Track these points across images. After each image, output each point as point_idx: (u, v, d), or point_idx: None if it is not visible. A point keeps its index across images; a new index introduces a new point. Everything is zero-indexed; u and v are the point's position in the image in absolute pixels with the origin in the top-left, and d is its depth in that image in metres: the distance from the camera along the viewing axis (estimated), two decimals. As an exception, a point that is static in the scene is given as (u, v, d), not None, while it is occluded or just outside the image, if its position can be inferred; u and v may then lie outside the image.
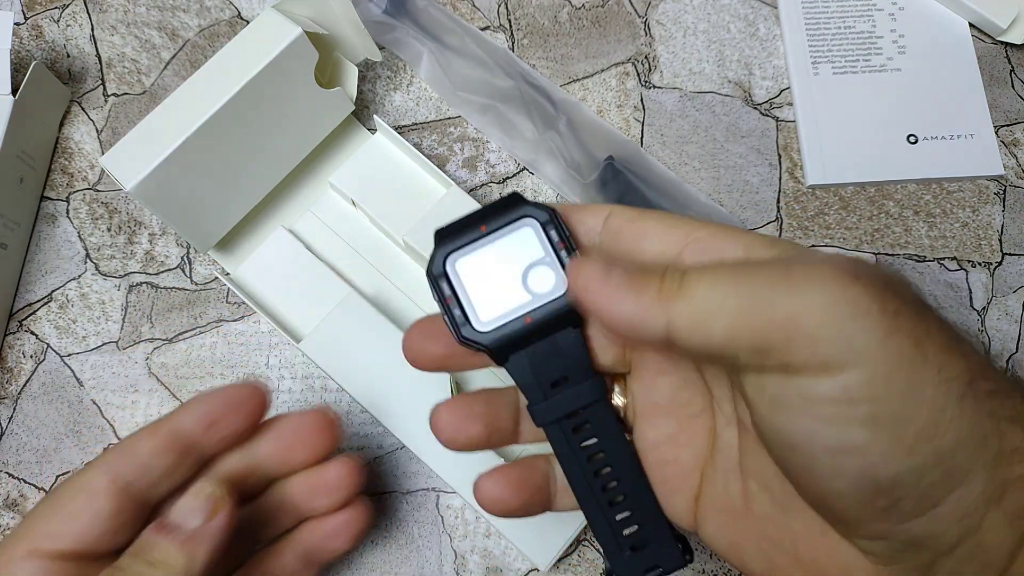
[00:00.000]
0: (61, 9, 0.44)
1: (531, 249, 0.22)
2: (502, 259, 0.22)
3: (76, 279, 0.40)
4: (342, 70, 0.39)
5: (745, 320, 0.17)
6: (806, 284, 0.17)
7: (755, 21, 0.45)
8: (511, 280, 0.22)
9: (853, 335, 0.16)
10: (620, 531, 0.23)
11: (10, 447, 0.37)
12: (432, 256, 0.22)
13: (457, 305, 0.22)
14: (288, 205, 0.40)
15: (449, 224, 0.22)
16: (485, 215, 0.22)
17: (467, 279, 0.22)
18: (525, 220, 0.22)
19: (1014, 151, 0.43)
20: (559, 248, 0.22)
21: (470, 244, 0.22)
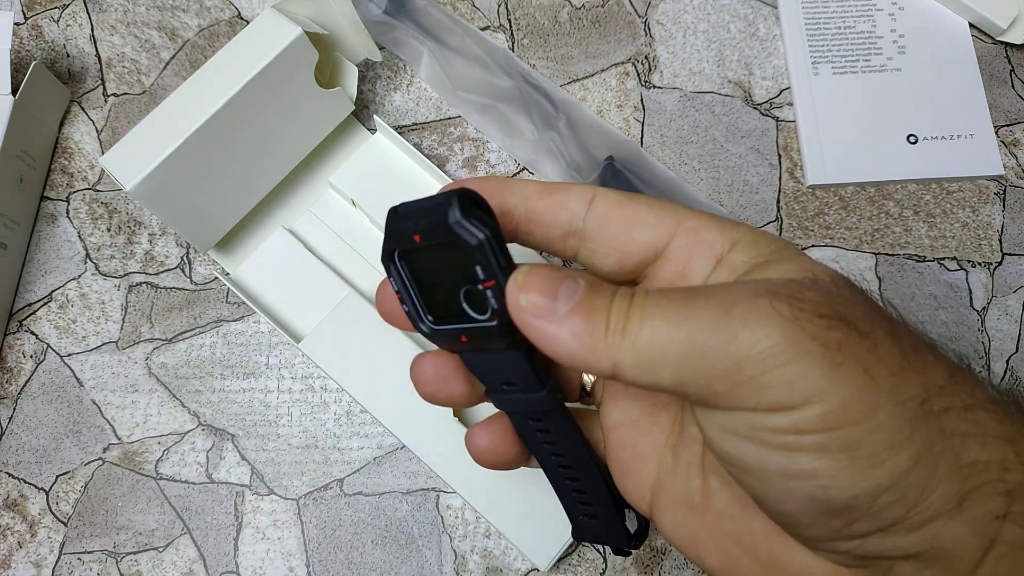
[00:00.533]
0: (61, 9, 0.44)
1: (468, 269, 0.20)
2: (446, 266, 0.20)
3: (76, 279, 0.39)
4: (342, 70, 0.39)
5: (690, 368, 0.17)
6: (745, 329, 0.17)
7: (755, 21, 0.45)
8: (453, 290, 0.20)
9: (796, 379, 0.16)
10: (571, 495, 0.24)
11: (10, 447, 0.37)
12: (384, 241, 0.21)
13: (408, 300, 0.21)
14: (288, 205, 0.40)
15: (401, 208, 0.21)
16: (423, 216, 0.20)
17: (417, 274, 0.21)
18: (464, 237, 0.19)
19: (1014, 151, 0.43)
20: (497, 274, 0.19)
21: (406, 247, 0.21)
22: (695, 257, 0.20)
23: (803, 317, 0.17)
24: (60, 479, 0.37)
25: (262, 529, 0.37)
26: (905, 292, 0.40)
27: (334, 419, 0.38)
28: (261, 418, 0.38)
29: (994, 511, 0.16)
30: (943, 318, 0.40)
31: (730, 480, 0.20)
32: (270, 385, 0.38)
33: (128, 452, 0.37)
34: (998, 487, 0.17)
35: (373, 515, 0.37)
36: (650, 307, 0.18)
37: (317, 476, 0.37)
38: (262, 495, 0.37)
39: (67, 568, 0.36)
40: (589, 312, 0.18)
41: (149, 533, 0.36)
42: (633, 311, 0.18)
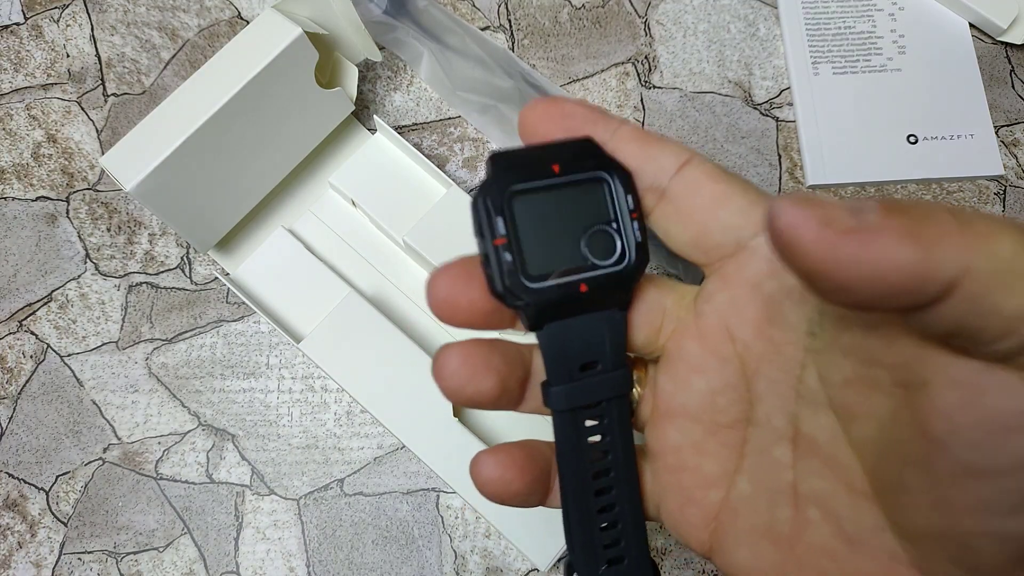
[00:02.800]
0: (61, 9, 0.44)
1: (599, 209, 0.19)
2: (567, 211, 0.19)
3: (76, 279, 0.39)
4: (342, 70, 0.39)
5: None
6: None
7: (755, 21, 0.45)
8: (571, 238, 0.19)
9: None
10: (600, 542, 0.20)
11: (10, 447, 0.37)
12: (488, 183, 0.19)
13: (508, 248, 0.18)
14: (288, 205, 0.40)
15: (510, 151, 0.19)
16: (557, 153, 0.19)
17: (524, 222, 0.19)
18: (601, 175, 0.19)
19: (1014, 151, 0.43)
20: (632, 217, 0.19)
21: (536, 183, 0.19)
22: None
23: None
24: (60, 479, 0.37)
25: (262, 529, 0.37)
26: (905, 292, 0.40)
27: (334, 419, 0.38)
28: (261, 418, 0.38)
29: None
30: (943, 318, 0.40)
31: (836, 512, 0.18)
32: (270, 385, 0.38)
33: (128, 452, 0.37)
34: None
35: (373, 515, 0.37)
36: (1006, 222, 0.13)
37: (317, 476, 0.37)
38: (262, 495, 0.37)
39: (67, 568, 0.36)
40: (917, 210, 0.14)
41: (149, 533, 0.36)
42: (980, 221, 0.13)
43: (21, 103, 0.42)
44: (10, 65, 0.42)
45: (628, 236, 0.19)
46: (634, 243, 0.19)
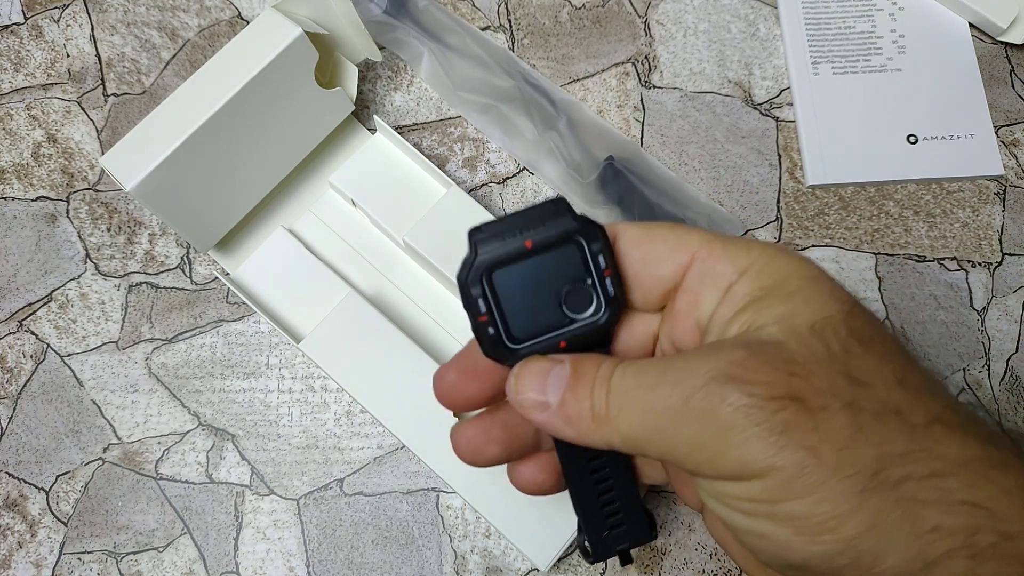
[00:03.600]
0: (61, 9, 0.44)
1: (574, 268, 0.21)
2: (544, 275, 0.21)
3: (76, 279, 0.39)
4: (342, 70, 0.39)
5: (664, 448, 0.19)
6: (700, 421, 0.18)
7: (755, 21, 0.45)
8: (549, 298, 0.21)
9: (745, 457, 0.18)
10: (602, 512, 0.24)
11: (10, 447, 0.37)
12: (469, 263, 0.21)
13: (492, 323, 0.21)
14: (288, 205, 0.40)
15: (487, 225, 0.21)
16: (529, 223, 0.21)
17: (504, 294, 0.21)
18: (573, 239, 0.21)
19: (1014, 151, 0.43)
20: (605, 274, 0.21)
21: (512, 259, 0.21)
22: (706, 288, 0.21)
23: (752, 403, 0.18)
24: (60, 479, 0.37)
25: (262, 529, 0.37)
26: (905, 292, 0.40)
27: (334, 419, 0.38)
28: (261, 418, 0.38)
29: (960, 574, 0.17)
30: (943, 318, 0.40)
31: None
32: (270, 385, 0.38)
33: (128, 452, 0.37)
34: (964, 552, 0.17)
35: (373, 515, 0.37)
36: (625, 395, 0.20)
37: (317, 476, 0.37)
38: (262, 495, 0.37)
39: (67, 568, 0.36)
40: (575, 404, 0.21)
41: (149, 533, 0.36)
42: (611, 398, 0.20)
43: (21, 103, 0.42)
44: (10, 65, 0.42)
45: (602, 290, 0.21)
46: (608, 297, 0.21)
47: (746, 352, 0.19)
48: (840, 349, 0.19)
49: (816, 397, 0.18)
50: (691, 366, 0.19)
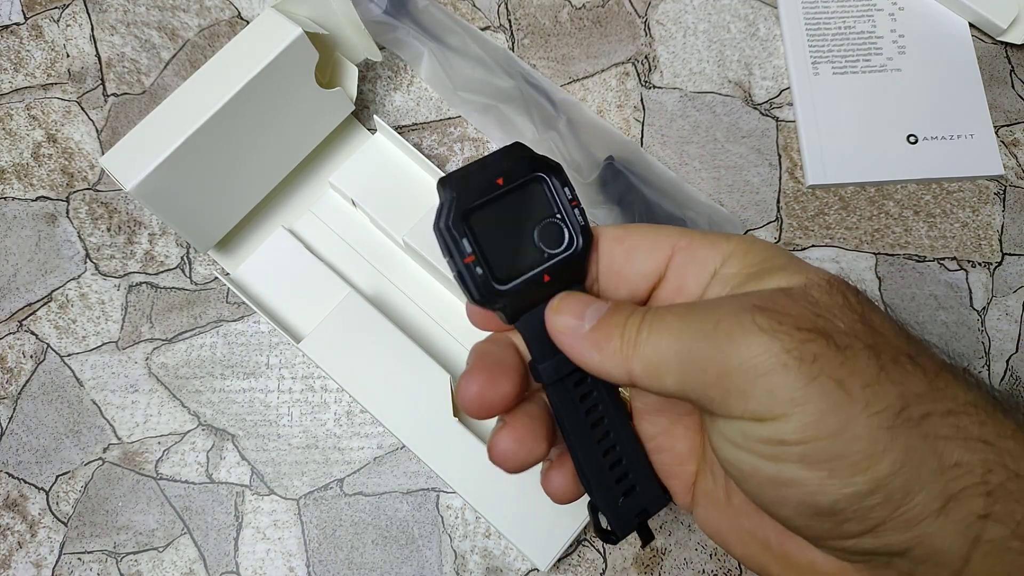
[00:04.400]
0: (61, 9, 0.44)
1: (544, 205, 0.22)
2: (517, 214, 0.22)
3: (76, 279, 0.39)
4: (342, 70, 0.39)
5: (688, 376, 0.19)
6: (730, 342, 0.18)
7: (755, 21, 0.45)
8: (526, 237, 0.22)
9: (775, 390, 0.18)
10: (612, 480, 0.24)
11: (10, 447, 0.37)
12: (445, 208, 0.21)
13: (480, 263, 0.21)
14: (288, 205, 0.40)
15: (456, 173, 0.22)
16: (497, 164, 0.22)
17: (483, 235, 0.22)
18: (538, 175, 0.22)
19: (1014, 151, 0.43)
20: (572, 205, 0.22)
21: (485, 202, 0.22)
22: (690, 275, 0.22)
23: (782, 330, 0.18)
24: (60, 479, 0.37)
25: (262, 529, 0.37)
26: (905, 292, 0.40)
27: (334, 419, 0.38)
28: (261, 418, 0.38)
29: (976, 511, 0.18)
30: (943, 318, 0.40)
31: None
32: (270, 385, 0.38)
33: (128, 452, 0.37)
34: (980, 488, 0.18)
35: (373, 515, 0.37)
36: (656, 323, 0.20)
37: (317, 476, 0.37)
38: (262, 495, 0.37)
39: (67, 568, 0.36)
40: (607, 329, 0.21)
41: (149, 533, 0.36)
42: (643, 327, 0.20)
43: (21, 103, 0.42)
44: (10, 65, 0.42)
45: (572, 222, 0.22)
46: (578, 227, 0.22)
47: (772, 292, 0.19)
48: (855, 301, 0.19)
49: (841, 336, 0.18)
50: (721, 301, 0.20)
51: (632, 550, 0.37)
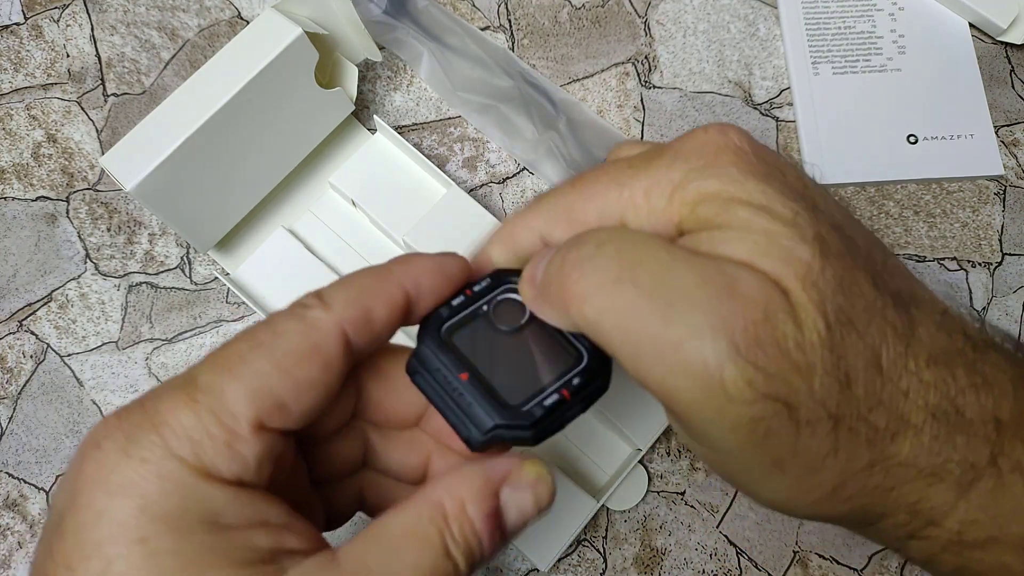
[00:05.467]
0: (61, 9, 0.44)
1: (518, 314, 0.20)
2: (511, 347, 0.20)
3: (76, 279, 0.39)
4: (342, 70, 0.39)
5: (623, 355, 0.17)
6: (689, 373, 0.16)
7: (755, 21, 0.45)
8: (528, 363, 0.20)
9: (710, 434, 0.17)
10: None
11: (10, 447, 0.37)
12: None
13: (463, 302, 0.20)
14: (288, 205, 0.40)
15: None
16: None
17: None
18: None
19: (1014, 151, 0.43)
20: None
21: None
22: (653, 195, 0.19)
23: (746, 394, 0.16)
24: (60, 479, 0.37)
25: (262, 529, 0.37)
26: (905, 292, 0.40)
27: (334, 419, 0.38)
28: (261, 418, 0.38)
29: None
30: (943, 318, 0.40)
31: None
32: (270, 385, 0.38)
33: (128, 452, 0.37)
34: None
35: (373, 515, 0.37)
36: (613, 273, 0.17)
37: (317, 476, 0.37)
38: (262, 495, 0.37)
39: (67, 568, 0.36)
40: (550, 266, 0.19)
41: (149, 533, 0.36)
42: (593, 267, 0.18)
43: (21, 103, 0.42)
44: (10, 65, 0.42)
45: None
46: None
47: (762, 316, 0.16)
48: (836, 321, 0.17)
49: (809, 408, 0.16)
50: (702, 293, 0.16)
51: (632, 550, 0.37)
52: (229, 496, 0.17)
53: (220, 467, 0.17)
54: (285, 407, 0.18)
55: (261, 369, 0.17)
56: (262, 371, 0.17)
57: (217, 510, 0.16)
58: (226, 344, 0.18)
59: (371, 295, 0.19)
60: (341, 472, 0.22)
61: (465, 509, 0.18)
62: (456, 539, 0.17)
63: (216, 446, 0.17)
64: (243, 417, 0.17)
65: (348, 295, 0.19)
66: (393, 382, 0.21)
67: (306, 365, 0.18)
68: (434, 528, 0.17)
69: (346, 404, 0.21)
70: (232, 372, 0.17)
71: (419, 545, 0.17)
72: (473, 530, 0.18)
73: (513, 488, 0.18)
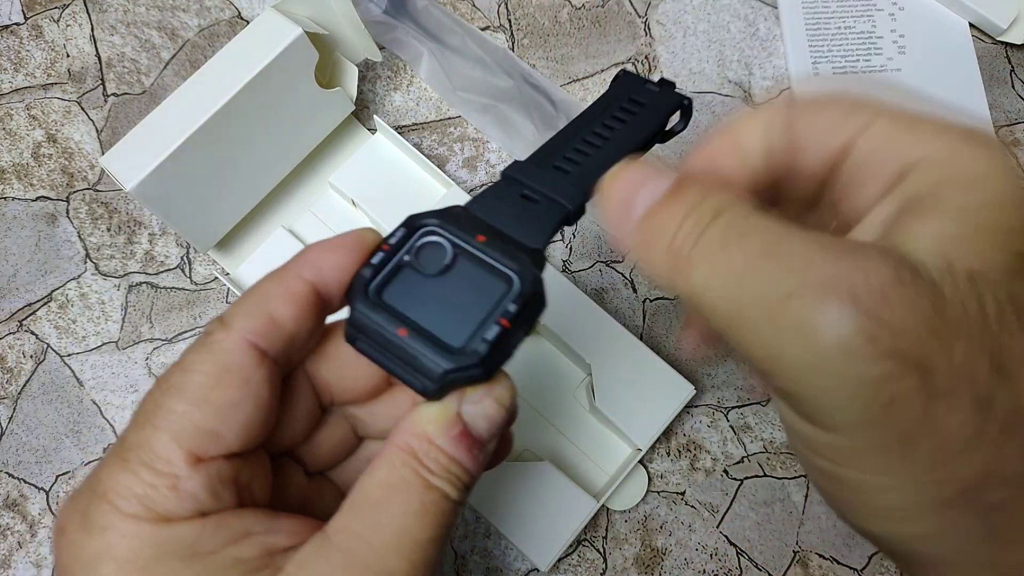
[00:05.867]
0: (61, 9, 0.44)
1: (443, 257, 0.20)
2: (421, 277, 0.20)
3: (76, 279, 0.39)
4: (342, 70, 0.39)
5: (733, 334, 0.16)
6: (794, 335, 0.14)
7: (755, 21, 0.45)
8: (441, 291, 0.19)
9: (825, 409, 0.15)
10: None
11: (10, 447, 0.37)
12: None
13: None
14: (288, 205, 0.40)
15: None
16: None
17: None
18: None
19: (1014, 151, 0.43)
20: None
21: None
22: (870, 171, 0.17)
23: (866, 351, 0.14)
24: (60, 479, 0.37)
25: (262, 529, 0.37)
26: (905, 292, 0.40)
27: (334, 419, 0.38)
28: (261, 418, 0.38)
29: None
30: (943, 318, 0.40)
31: None
32: (270, 385, 0.38)
33: (128, 452, 0.37)
34: None
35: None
36: (720, 242, 0.16)
37: (317, 476, 0.37)
38: (262, 495, 0.37)
39: (67, 568, 0.36)
40: (658, 223, 0.17)
41: (149, 533, 0.36)
42: (704, 238, 0.16)
43: (21, 103, 0.42)
44: (10, 65, 0.42)
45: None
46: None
47: (892, 276, 0.14)
48: (995, 315, 0.14)
49: (947, 375, 0.14)
50: (814, 256, 0.15)
51: (632, 550, 0.37)
52: (196, 529, 0.17)
53: (174, 509, 0.17)
54: (216, 434, 0.18)
55: (176, 409, 0.18)
56: (178, 411, 0.18)
57: (190, 543, 0.17)
58: (145, 396, 0.19)
59: (270, 298, 0.20)
60: (339, 457, 0.22)
61: (433, 441, 0.18)
62: (434, 471, 0.17)
63: (162, 493, 0.17)
64: (176, 458, 0.17)
65: (246, 307, 0.19)
66: (344, 359, 0.21)
67: (221, 390, 0.18)
68: (408, 470, 0.17)
69: (303, 404, 0.21)
70: (152, 423, 0.18)
71: (400, 492, 0.17)
72: (448, 456, 0.18)
73: (472, 403, 0.18)
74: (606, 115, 0.23)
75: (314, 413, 0.21)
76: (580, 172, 0.21)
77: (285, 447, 0.21)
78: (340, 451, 0.22)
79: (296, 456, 0.22)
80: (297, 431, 0.21)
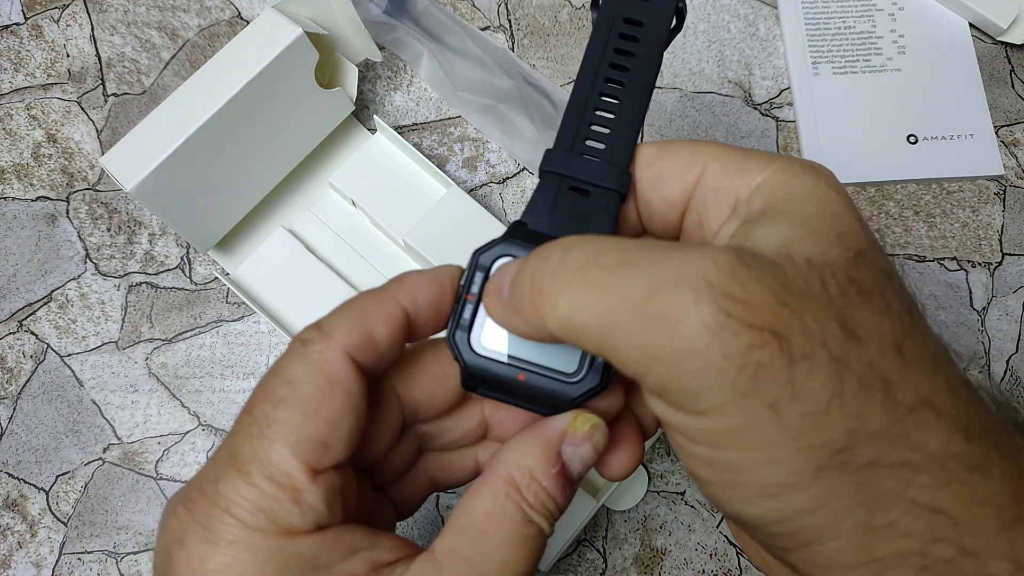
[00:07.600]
0: (61, 9, 0.44)
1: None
2: None
3: (76, 279, 0.40)
4: (342, 70, 0.39)
5: (607, 343, 0.17)
6: (660, 327, 0.15)
7: (755, 21, 0.45)
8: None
9: (698, 391, 0.15)
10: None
11: (10, 447, 0.37)
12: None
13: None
14: (288, 205, 0.40)
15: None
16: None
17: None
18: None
19: (1014, 151, 0.43)
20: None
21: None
22: (712, 204, 0.19)
23: (727, 326, 0.15)
24: (60, 479, 0.37)
25: (262, 529, 0.37)
26: (905, 292, 0.40)
27: (334, 419, 0.38)
28: (261, 418, 0.38)
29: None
30: (943, 318, 0.40)
31: None
32: (270, 385, 0.38)
33: (128, 452, 0.37)
34: (916, 560, 0.16)
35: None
36: (578, 266, 0.17)
37: (317, 476, 0.37)
38: (262, 495, 0.37)
39: (67, 568, 0.36)
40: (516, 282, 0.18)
41: (149, 533, 0.36)
42: (561, 267, 0.17)
43: (21, 103, 0.42)
44: (10, 65, 0.42)
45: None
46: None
47: (736, 259, 0.16)
48: (837, 292, 0.16)
49: (803, 340, 0.15)
50: (665, 256, 0.16)
51: (632, 550, 0.37)
52: (316, 542, 0.18)
53: (296, 522, 0.18)
54: (328, 445, 0.18)
55: (291, 422, 0.18)
56: (293, 424, 0.18)
57: (311, 558, 0.18)
58: (249, 407, 0.19)
59: (370, 316, 0.20)
60: (403, 471, 0.23)
61: (535, 476, 0.19)
62: (534, 506, 0.19)
63: (285, 506, 0.18)
64: (296, 471, 0.18)
65: (347, 321, 0.20)
66: (433, 379, 0.22)
67: (330, 401, 0.19)
68: (511, 503, 0.19)
69: (389, 421, 0.21)
70: (267, 436, 0.18)
71: (503, 523, 0.18)
72: (546, 493, 0.19)
73: (573, 444, 0.19)
74: (612, 55, 0.22)
75: (397, 429, 0.22)
76: (615, 143, 0.21)
77: (368, 462, 0.22)
78: (405, 466, 0.23)
79: (368, 471, 0.22)
80: (381, 446, 0.22)
